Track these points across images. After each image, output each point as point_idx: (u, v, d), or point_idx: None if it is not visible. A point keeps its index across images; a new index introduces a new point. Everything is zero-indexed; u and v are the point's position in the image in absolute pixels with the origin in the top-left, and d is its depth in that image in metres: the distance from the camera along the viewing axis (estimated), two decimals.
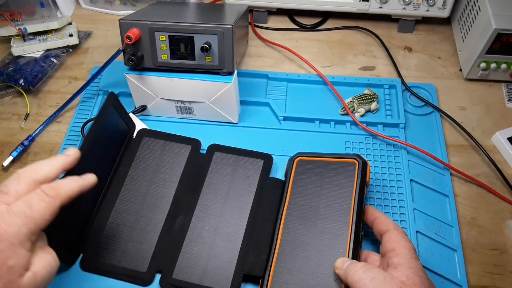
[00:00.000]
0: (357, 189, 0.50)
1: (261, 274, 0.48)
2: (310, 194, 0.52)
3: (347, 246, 0.47)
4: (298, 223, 0.50)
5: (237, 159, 0.58)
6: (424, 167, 0.60)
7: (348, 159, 0.53)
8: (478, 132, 0.65)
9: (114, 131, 0.57)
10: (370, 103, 0.66)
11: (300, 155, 0.56)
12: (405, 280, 0.40)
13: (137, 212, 0.54)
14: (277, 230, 0.50)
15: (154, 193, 0.55)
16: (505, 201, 0.58)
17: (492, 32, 0.62)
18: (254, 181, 0.56)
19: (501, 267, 0.53)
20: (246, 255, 0.50)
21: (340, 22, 0.81)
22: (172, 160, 0.58)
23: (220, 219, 0.53)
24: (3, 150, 0.64)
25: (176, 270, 0.50)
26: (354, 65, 0.74)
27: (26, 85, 0.68)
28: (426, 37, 0.78)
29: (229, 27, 0.54)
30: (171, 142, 0.60)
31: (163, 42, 0.56)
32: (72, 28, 0.77)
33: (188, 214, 0.54)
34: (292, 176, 0.54)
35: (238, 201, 0.55)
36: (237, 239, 0.52)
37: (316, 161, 0.54)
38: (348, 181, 0.51)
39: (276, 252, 0.49)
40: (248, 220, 0.53)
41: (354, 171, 0.51)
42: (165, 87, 0.60)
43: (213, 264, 0.50)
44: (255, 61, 0.75)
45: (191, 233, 0.52)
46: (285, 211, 0.51)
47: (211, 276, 0.49)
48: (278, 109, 0.66)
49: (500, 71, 0.68)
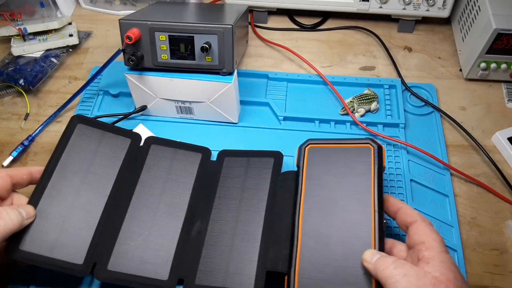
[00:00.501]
0: (375, 176, 0.48)
1: (284, 269, 0.46)
2: (326, 184, 0.49)
3: (372, 236, 0.44)
4: (318, 216, 0.47)
5: (248, 160, 0.57)
6: (424, 167, 0.60)
7: (362, 144, 0.50)
8: (478, 132, 0.65)
9: (100, 146, 0.56)
10: (370, 103, 0.66)
11: (310, 142, 0.53)
12: (439, 276, 0.38)
13: (152, 219, 0.53)
14: (296, 224, 0.48)
15: (168, 200, 0.54)
16: (505, 201, 0.58)
17: (492, 32, 0.62)
18: (267, 179, 0.55)
19: (501, 267, 0.53)
20: (266, 252, 0.50)
21: (340, 22, 0.81)
22: (184, 168, 0.57)
23: (237, 220, 0.53)
24: (3, 150, 0.64)
25: (198, 276, 0.49)
26: (354, 65, 0.74)
27: (26, 85, 0.68)
28: (426, 37, 0.78)
29: (229, 27, 0.54)
30: (181, 150, 0.59)
31: (163, 42, 0.56)
32: (72, 28, 0.77)
33: (204, 219, 0.53)
34: (305, 165, 0.51)
35: (253, 200, 0.54)
36: (256, 237, 0.51)
37: (328, 147, 0.52)
38: (365, 168, 0.48)
39: (299, 248, 0.46)
40: (264, 217, 0.52)
41: (369, 157, 0.49)
42: (165, 87, 0.60)
43: (234, 265, 0.49)
44: (255, 61, 0.75)
45: (209, 237, 0.52)
46: (302, 203, 0.49)
47: (234, 278, 0.49)
48: (278, 109, 0.66)
49: (500, 71, 0.68)
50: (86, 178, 0.54)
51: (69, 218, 0.51)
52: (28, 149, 0.64)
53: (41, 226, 0.49)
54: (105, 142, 0.57)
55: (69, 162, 0.54)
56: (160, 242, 0.51)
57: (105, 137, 0.57)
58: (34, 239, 0.48)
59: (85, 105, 0.68)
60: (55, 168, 0.53)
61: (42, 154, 0.63)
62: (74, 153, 0.55)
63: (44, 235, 0.49)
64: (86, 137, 0.56)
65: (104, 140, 0.57)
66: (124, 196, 0.54)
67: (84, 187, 0.53)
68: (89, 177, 0.54)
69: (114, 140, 0.57)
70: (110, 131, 0.58)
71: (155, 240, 0.51)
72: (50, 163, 0.53)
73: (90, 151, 0.55)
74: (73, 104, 0.68)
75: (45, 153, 0.64)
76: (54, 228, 0.49)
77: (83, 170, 0.54)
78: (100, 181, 0.54)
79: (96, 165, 0.55)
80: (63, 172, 0.53)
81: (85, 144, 0.56)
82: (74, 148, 0.55)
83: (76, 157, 0.54)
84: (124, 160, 0.56)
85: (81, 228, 0.50)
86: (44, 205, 0.50)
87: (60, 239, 0.49)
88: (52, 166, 0.53)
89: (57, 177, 0.52)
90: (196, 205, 0.55)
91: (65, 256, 0.48)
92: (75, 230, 0.50)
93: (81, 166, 0.54)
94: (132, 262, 0.50)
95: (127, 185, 0.55)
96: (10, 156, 0.62)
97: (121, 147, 0.57)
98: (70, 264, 0.48)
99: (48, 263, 0.48)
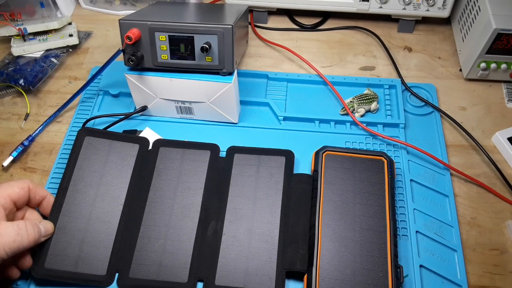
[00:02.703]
0: (389, 187, 0.54)
1: (302, 269, 0.49)
2: (344, 190, 0.54)
3: (388, 242, 0.49)
4: (337, 219, 0.52)
5: (259, 158, 0.58)
6: (424, 167, 0.60)
7: (375, 156, 0.56)
8: (478, 132, 0.65)
9: (110, 156, 0.57)
10: (370, 103, 0.66)
11: (327, 149, 0.57)
12: None
13: (167, 223, 0.53)
14: (317, 226, 0.51)
15: (181, 202, 0.55)
16: (505, 201, 0.58)
17: (492, 32, 0.62)
18: (280, 178, 0.56)
19: (501, 267, 0.53)
20: (284, 252, 0.51)
21: (340, 22, 0.81)
22: (194, 167, 0.57)
23: (252, 220, 0.53)
24: (3, 150, 0.64)
25: (217, 277, 0.50)
26: (354, 65, 0.74)
27: (26, 85, 0.68)
28: (426, 37, 0.78)
29: (229, 27, 0.54)
30: (190, 149, 0.59)
31: (163, 42, 0.56)
32: (72, 28, 0.77)
33: (219, 219, 0.54)
34: (323, 170, 0.55)
35: (267, 200, 0.55)
36: (273, 238, 0.52)
37: (344, 156, 0.56)
38: (379, 178, 0.54)
39: (319, 249, 0.49)
40: (280, 218, 0.53)
41: (383, 168, 0.55)
42: (165, 87, 0.60)
43: (253, 266, 0.50)
44: (255, 61, 0.75)
45: (226, 238, 0.52)
46: (321, 206, 0.52)
47: (254, 278, 0.49)
48: (278, 109, 0.66)
49: (500, 71, 0.68)
50: (100, 189, 0.55)
51: (88, 231, 0.52)
52: (28, 149, 0.64)
53: (63, 243, 0.51)
54: (114, 151, 0.58)
55: (82, 176, 0.56)
56: (177, 245, 0.52)
57: (114, 146, 0.58)
58: (58, 256, 0.50)
59: (85, 105, 0.68)
60: (68, 185, 0.55)
61: (42, 154, 0.63)
62: (85, 167, 0.56)
63: (66, 251, 0.51)
64: (95, 149, 0.58)
65: (113, 150, 0.58)
66: (138, 202, 0.55)
67: (99, 199, 0.54)
68: (102, 188, 0.55)
69: (122, 148, 0.58)
70: (118, 139, 0.59)
71: (172, 243, 0.52)
72: (63, 180, 0.55)
73: (100, 162, 0.57)
74: (73, 104, 0.68)
75: (45, 153, 0.64)
76: (75, 243, 0.51)
77: (96, 182, 0.55)
78: (114, 191, 0.55)
79: (108, 176, 0.56)
80: (77, 186, 0.55)
81: (95, 156, 0.57)
82: (84, 161, 0.57)
83: (88, 170, 0.56)
84: (134, 167, 0.57)
85: (100, 240, 0.52)
86: (64, 222, 0.52)
87: (82, 253, 0.51)
88: (66, 183, 0.55)
89: (72, 193, 0.54)
90: (210, 205, 0.55)
91: (88, 269, 0.50)
92: (95, 242, 0.52)
93: (94, 179, 0.56)
94: (152, 267, 0.51)
95: (140, 191, 0.56)
96: (10, 156, 0.62)
97: (130, 154, 0.58)
98: (94, 276, 0.50)
99: (73, 277, 0.50)
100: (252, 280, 0.49)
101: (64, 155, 0.62)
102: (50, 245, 0.51)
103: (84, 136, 0.58)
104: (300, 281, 0.51)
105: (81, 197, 0.54)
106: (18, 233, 0.43)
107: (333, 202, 0.53)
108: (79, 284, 0.50)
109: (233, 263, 0.50)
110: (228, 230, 0.53)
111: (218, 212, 0.54)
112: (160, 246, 0.52)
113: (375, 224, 0.51)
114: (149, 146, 0.60)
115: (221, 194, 0.55)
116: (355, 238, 0.50)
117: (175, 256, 0.51)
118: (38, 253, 0.50)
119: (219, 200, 0.55)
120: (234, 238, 0.52)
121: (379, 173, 0.55)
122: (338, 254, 0.49)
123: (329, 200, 0.53)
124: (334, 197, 0.53)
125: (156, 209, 0.54)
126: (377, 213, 0.52)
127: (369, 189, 0.53)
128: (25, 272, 0.51)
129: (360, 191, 0.53)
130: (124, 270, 0.51)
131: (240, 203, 0.54)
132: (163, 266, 0.51)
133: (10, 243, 0.42)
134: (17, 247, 0.43)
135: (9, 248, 0.42)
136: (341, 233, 0.50)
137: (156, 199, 0.55)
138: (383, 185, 0.54)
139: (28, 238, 0.44)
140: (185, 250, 0.52)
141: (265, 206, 0.54)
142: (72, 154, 0.57)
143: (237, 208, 0.54)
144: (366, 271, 0.47)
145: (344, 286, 0.47)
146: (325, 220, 0.51)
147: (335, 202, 0.53)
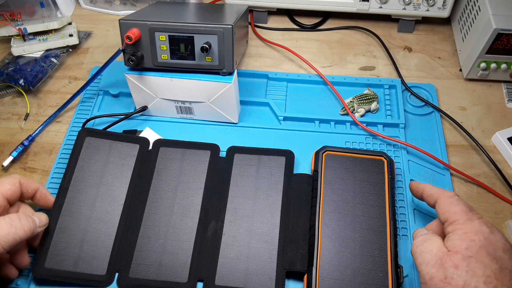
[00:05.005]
0: (389, 187, 0.54)
1: (302, 269, 0.49)
2: (344, 190, 0.54)
3: (388, 242, 0.49)
4: (337, 219, 0.52)
5: (259, 158, 0.58)
6: (424, 167, 0.60)
7: (375, 156, 0.56)
8: (478, 132, 0.65)
9: (110, 156, 0.57)
10: (370, 103, 0.66)
11: (327, 149, 0.57)
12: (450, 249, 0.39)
13: (167, 223, 0.53)
14: (317, 226, 0.51)
15: (181, 202, 0.55)
16: (505, 201, 0.58)
17: (492, 32, 0.62)
18: (280, 178, 0.56)
19: None
20: (284, 252, 0.51)
21: (340, 22, 0.81)
22: (194, 167, 0.57)
23: (252, 220, 0.53)
24: (3, 150, 0.64)
25: (218, 277, 0.50)
26: (354, 65, 0.74)
27: (26, 85, 0.68)
28: (426, 37, 0.78)
29: (229, 27, 0.54)
30: (190, 149, 0.59)
31: (163, 42, 0.56)
32: (72, 28, 0.77)
33: (219, 219, 0.54)
34: (323, 170, 0.55)
35: (267, 200, 0.55)
36: (273, 238, 0.52)
37: (344, 156, 0.56)
38: (379, 178, 0.54)
39: (319, 249, 0.49)
40: (280, 218, 0.53)
41: (383, 168, 0.55)
42: (165, 87, 0.60)
43: (253, 266, 0.50)
44: (255, 61, 0.75)
45: (226, 238, 0.52)
46: (321, 206, 0.52)
47: (254, 278, 0.49)
48: (278, 109, 0.66)
49: (500, 71, 0.68)
50: (100, 189, 0.55)
51: (88, 231, 0.52)
52: (28, 149, 0.64)
53: (63, 243, 0.51)
54: (114, 152, 0.58)
55: (82, 176, 0.56)
56: (177, 245, 0.52)
57: (114, 147, 0.58)
58: (58, 255, 0.50)
59: (85, 105, 0.68)
60: (69, 185, 0.55)
61: (42, 154, 0.63)
62: (86, 167, 0.56)
63: (66, 251, 0.51)
64: (95, 149, 0.58)
65: (113, 150, 0.58)
66: (138, 203, 0.55)
67: (99, 199, 0.54)
68: (102, 188, 0.55)
69: (122, 148, 0.58)
70: (118, 139, 0.59)
71: (172, 243, 0.52)
72: (64, 180, 0.55)
73: (101, 163, 0.57)
74: (73, 104, 0.68)
75: (45, 153, 0.64)
76: (75, 243, 0.51)
77: (96, 183, 0.56)
78: (114, 191, 0.55)
79: (108, 176, 0.56)
80: (78, 187, 0.55)
81: (95, 157, 0.57)
82: (85, 162, 0.57)
83: (88, 171, 0.56)
84: (135, 167, 0.57)
85: (100, 240, 0.52)
86: (64, 222, 0.52)
87: (82, 253, 0.51)
88: (67, 183, 0.55)
89: (73, 193, 0.54)
90: (210, 205, 0.55)
91: (88, 268, 0.50)
92: (95, 242, 0.52)
93: (94, 179, 0.56)
94: (152, 267, 0.51)
95: (140, 191, 0.56)
96: (10, 156, 0.62)
97: (130, 154, 0.58)
98: (94, 276, 0.50)
99: (73, 277, 0.50)
100: (252, 280, 0.49)
101: (64, 155, 0.62)
102: (50, 245, 0.51)
103: (84, 136, 0.59)
104: (300, 281, 0.51)
105: (81, 197, 0.54)
106: (11, 225, 0.43)
107: (333, 202, 0.53)
108: (79, 284, 0.50)
109: (233, 263, 0.50)
110: (228, 230, 0.53)
111: (218, 212, 0.54)
112: (160, 246, 0.52)
113: (375, 224, 0.51)
114: (149, 146, 0.60)
115: (221, 194, 0.55)
116: (355, 238, 0.50)
117: (175, 256, 0.51)
118: (38, 252, 0.50)
119: (219, 200, 0.55)
120: (234, 238, 0.52)
121: (379, 173, 0.55)
122: (338, 254, 0.49)
123: (329, 200, 0.53)
124: (334, 197, 0.53)
125: (156, 209, 0.54)
126: (377, 213, 0.52)
127: (369, 189, 0.53)
128: (25, 272, 0.51)
129: (360, 191, 0.53)
130: (124, 270, 0.51)
131: (240, 203, 0.55)
132: (163, 266, 0.51)
133: (5, 236, 0.42)
134: (13, 239, 0.43)
135: (5, 241, 0.42)
136: (341, 233, 0.51)
137: (156, 199, 0.55)
138: (383, 185, 0.54)
139: (23, 228, 0.44)
140: (185, 250, 0.52)
141: (265, 206, 0.54)
142: (72, 155, 0.57)
143: (237, 208, 0.54)
144: (366, 271, 0.47)
145: (344, 286, 0.47)
146: (325, 220, 0.51)
147: (335, 202, 0.53)
